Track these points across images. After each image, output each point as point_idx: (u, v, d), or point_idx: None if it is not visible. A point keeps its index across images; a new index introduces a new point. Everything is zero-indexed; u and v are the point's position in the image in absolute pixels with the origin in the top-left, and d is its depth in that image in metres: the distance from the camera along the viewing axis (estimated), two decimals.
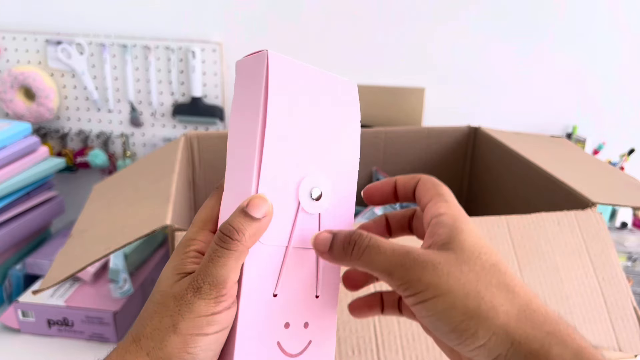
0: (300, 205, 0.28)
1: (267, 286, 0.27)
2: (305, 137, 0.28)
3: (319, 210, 0.29)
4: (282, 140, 0.27)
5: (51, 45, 0.95)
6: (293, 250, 0.28)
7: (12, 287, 0.77)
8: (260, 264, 0.27)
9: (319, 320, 0.29)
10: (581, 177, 0.65)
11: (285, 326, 0.28)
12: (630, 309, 0.52)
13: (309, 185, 0.28)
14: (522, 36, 0.95)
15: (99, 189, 0.77)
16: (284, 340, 0.28)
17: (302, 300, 0.28)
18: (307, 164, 0.28)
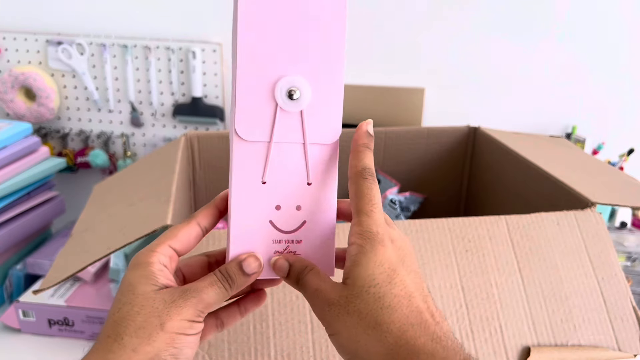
0: (278, 105, 0.32)
1: (255, 175, 0.32)
2: (280, 43, 0.31)
3: (298, 108, 0.32)
4: (254, 47, 0.31)
5: (52, 46, 0.95)
6: (278, 145, 0.32)
7: (12, 286, 0.77)
8: (246, 158, 0.32)
9: (313, 204, 0.33)
10: (580, 177, 0.65)
11: (277, 208, 0.33)
12: (629, 308, 0.52)
13: (286, 86, 0.31)
14: (522, 36, 0.95)
15: (99, 189, 0.77)
16: (276, 219, 0.33)
17: (292, 186, 0.33)
18: (283, 67, 0.31)
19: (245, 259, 0.32)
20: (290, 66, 0.32)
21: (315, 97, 0.32)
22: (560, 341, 0.50)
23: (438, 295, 0.51)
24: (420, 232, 0.54)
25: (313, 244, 0.34)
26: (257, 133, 0.32)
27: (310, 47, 0.32)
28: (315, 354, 0.48)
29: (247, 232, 0.33)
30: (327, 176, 0.33)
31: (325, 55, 0.33)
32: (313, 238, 0.33)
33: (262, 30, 0.31)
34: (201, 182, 0.82)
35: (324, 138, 0.33)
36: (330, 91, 0.33)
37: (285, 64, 0.32)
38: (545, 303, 0.52)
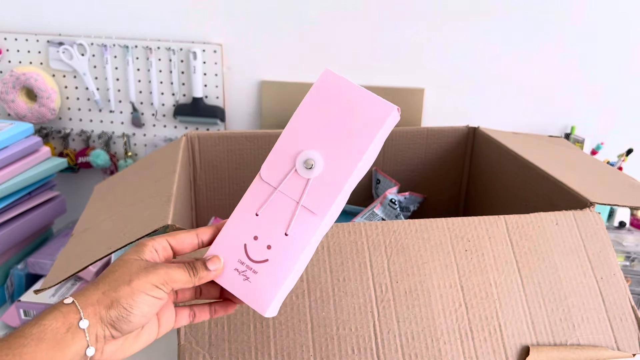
0: (295, 167, 0.40)
1: (254, 206, 0.40)
2: (320, 128, 0.40)
3: (308, 176, 0.40)
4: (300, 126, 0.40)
5: (53, 46, 0.95)
6: (280, 194, 0.40)
7: (14, 286, 0.77)
8: (256, 191, 0.41)
9: (280, 251, 0.40)
10: (579, 177, 0.65)
11: (254, 238, 0.40)
12: (628, 308, 0.53)
13: (305, 157, 0.40)
14: (521, 37, 0.95)
15: (100, 189, 0.77)
16: (249, 245, 0.40)
17: (272, 229, 0.40)
18: (311, 145, 0.40)
19: (211, 258, 0.39)
20: (319, 145, 0.40)
21: (324, 176, 0.40)
22: (559, 340, 0.50)
23: (437, 295, 0.51)
24: (420, 232, 0.54)
25: (263, 281, 0.39)
26: (272, 178, 0.40)
27: (341, 138, 0.40)
28: (315, 353, 0.48)
29: (227, 242, 0.40)
30: (301, 238, 0.40)
31: (349, 148, 0.40)
32: (266, 276, 0.39)
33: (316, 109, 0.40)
34: (201, 182, 0.82)
35: (314, 208, 0.40)
36: (337, 179, 0.40)
37: (317, 141, 0.40)
38: (545, 302, 0.52)
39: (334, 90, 0.40)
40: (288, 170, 0.40)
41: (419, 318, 0.50)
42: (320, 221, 0.39)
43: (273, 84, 0.98)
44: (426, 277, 0.52)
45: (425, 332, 0.49)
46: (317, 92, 0.41)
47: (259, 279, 0.39)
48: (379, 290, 0.51)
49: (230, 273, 0.40)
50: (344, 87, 0.40)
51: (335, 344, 0.48)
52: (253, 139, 0.80)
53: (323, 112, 0.40)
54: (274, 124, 1.00)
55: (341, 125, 0.40)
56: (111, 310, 0.34)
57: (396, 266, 0.52)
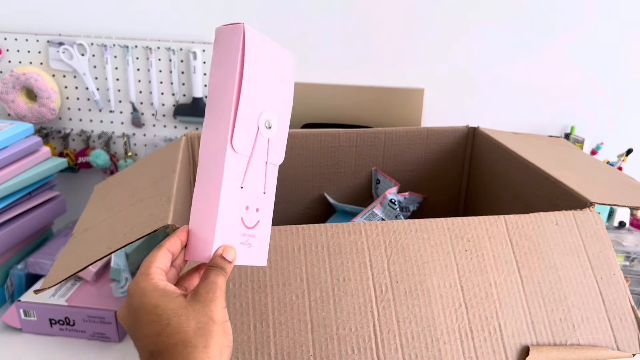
0: (259, 130, 0.42)
1: (237, 180, 0.41)
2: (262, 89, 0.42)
3: (269, 135, 0.43)
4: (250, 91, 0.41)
5: (53, 46, 0.95)
6: (254, 160, 0.42)
7: (13, 286, 0.77)
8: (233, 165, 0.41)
9: (264, 208, 0.44)
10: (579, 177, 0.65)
11: (246, 208, 0.42)
12: (628, 308, 0.53)
13: (265, 118, 0.43)
14: (521, 37, 0.95)
15: (100, 189, 0.77)
16: (245, 217, 0.42)
17: (256, 193, 0.43)
18: (264, 105, 0.43)
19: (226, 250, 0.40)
20: (269, 103, 0.43)
21: (277, 130, 0.44)
22: (559, 340, 0.50)
23: (437, 295, 0.51)
24: (420, 232, 0.54)
25: (260, 239, 0.44)
26: (244, 148, 0.41)
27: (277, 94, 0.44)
28: (315, 353, 0.48)
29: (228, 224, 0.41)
30: (272, 188, 0.44)
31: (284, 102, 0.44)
32: (261, 234, 0.44)
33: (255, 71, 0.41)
34: None
35: (275, 160, 0.44)
36: (283, 129, 0.45)
37: (267, 101, 0.43)
38: (544, 302, 0.52)
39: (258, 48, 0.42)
40: (254, 134, 0.42)
41: (419, 318, 0.50)
42: (276, 169, 0.44)
43: None
44: (426, 277, 0.52)
45: (425, 332, 0.49)
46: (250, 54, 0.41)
47: (257, 240, 0.43)
48: (379, 290, 0.51)
49: (240, 249, 0.41)
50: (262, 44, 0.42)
51: (335, 344, 0.48)
52: None
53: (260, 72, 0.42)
54: None
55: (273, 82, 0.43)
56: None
57: (396, 266, 0.52)
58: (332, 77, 0.98)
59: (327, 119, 0.98)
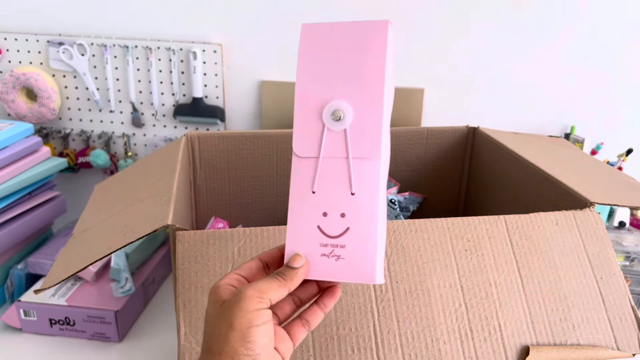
0: (325, 125, 0.37)
1: (307, 186, 0.37)
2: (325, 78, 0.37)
3: (342, 127, 0.37)
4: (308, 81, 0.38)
5: (53, 46, 0.95)
6: (325, 160, 0.37)
7: (13, 286, 0.77)
8: (300, 171, 0.38)
9: (356, 212, 0.37)
10: (579, 177, 0.65)
11: (324, 215, 0.37)
12: (628, 308, 0.53)
13: (331, 109, 0.37)
14: (521, 37, 0.95)
15: (100, 189, 0.77)
16: (323, 225, 0.37)
17: (337, 196, 0.37)
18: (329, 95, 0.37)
19: (292, 257, 0.37)
20: (337, 92, 0.37)
21: (357, 117, 0.37)
22: (559, 340, 0.50)
23: (437, 295, 0.51)
24: (420, 232, 0.54)
25: (355, 249, 0.37)
26: (308, 149, 0.38)
27: (354, 74, 0.37)
28: (315, 353, 0.48)
29: (299, 235, 0.38)
30: (369, 187, 0.37)
31: (366, 80, 0.37)
32: (355, 243, 0.37)
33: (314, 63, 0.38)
34: (201, 182, 0.82)
35: (366, 153, 0.37)
36: (370, 112, 0.37)
37: (332, 91, 0.37)
38: (544, 302, 0.52)
39: (320, 38, 0.38)
40: (320, 131, 0.37)
41: (419, 318, 0.50)
42: (378, 163, 0.37)
43: (273, 84, 0.98)
44: (426, 277, 0.52)
45: (425, 332, 0.49)
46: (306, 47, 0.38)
47: (350, 251, 0.37)
48: (379, 290, 0.51)
49: (319, 261, 0.37)
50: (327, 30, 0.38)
51: (335, 344, 0.48)
52: (253, 139, 0.80)
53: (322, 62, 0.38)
54: (273, 124, 1.00)
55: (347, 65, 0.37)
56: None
57: (396, 266, 0.52)
58: None
59: None
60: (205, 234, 0.52)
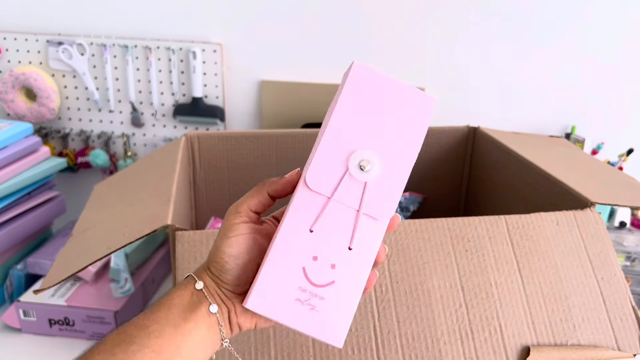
0: (348, 171, 0.36)
1: (306, 221, 0.35)
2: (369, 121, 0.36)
3: (364, 179, 0.36)
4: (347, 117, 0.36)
5: (52, 46, 0.95)
6: (335, 203, 0.35)
7: (13, 286, 0.77)
8: (304, 203, 0.35)
9: (347, 268, 0.35)
10: (580, 177, 0.65)
11: (314, 258, 0.35)
12: (628, 308, 0.52)
13: (360, 157, 0.36)
14: (521, 36, 0.95)
15: (99, 189, 0.77)
16: (309, 268, 0.35)
17: (333, 245, 0.35)
18: (363, 144, 0.36)
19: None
20: (371, 143, 0.36)
21: (381, 176, 0.36)
22: (559, 341, 0.50)
23: (438, 295, 0.51)
24: (420, 232, 0.54)
25: (333, 307, 0.35)
26: (322, 186, 0.35)
27: (392, 135, 0.37)
28: (315, 354, 0.48)
29: (281, 269, 0.34)
30: (368, 248, 0.35)
31: (403, 146, 0.37)
32: (336, 301, 0.35)
33: (357, 106, 0.37)
34: (201, 182, 0.82)
35: (377, 213, 0.35)
36: (396, 176, 0.36)
37: (368, 140, 0.36)
38: (545, 303, 0.52)
39: (368, 84, 0.37)
40: (340, 174, 0.35)
41: (419, 318, 0.50)
42: (383, 226, 0.36)
43: (273, 84, 0.98)
44: (426, 277, 0.52)
45: (426, 332, 0.49)
46: (353, 86, 0.37)
47: (327, 306, 0.34)
48: (379, 291, 0.51)
49: (292, 305, 0.34)
50: (377, 80, 0.37)
51: None
52: (253, 139, 0.80)
53: (363, 108, 0.37)
54: (273, 124, 1.00)
55: (387, 122, 0.37)
56: (211, 267, 0.36)
57: (396, 266, 0.52)
58: (332, 77, 0.98)
59: None
60: (205, 234, 0.52)
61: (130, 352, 0.31)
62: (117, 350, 0.31)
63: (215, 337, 0.35)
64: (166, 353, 0.32)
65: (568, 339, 0.50)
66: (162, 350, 0.32)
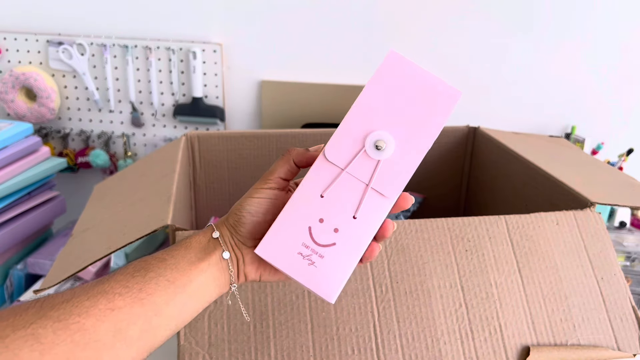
0: (364, 148, 0.38)
1: (319, 188, 0.38)
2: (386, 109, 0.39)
3: (378, 157, 0.38)
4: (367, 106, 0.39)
5: (52, 46, 0.95)
6: (348, 176, 0.38)
7: (13, 286, 0.77)
8: (320, 172, 0.39)
9: (348, 234, 0.38)
10: (580, 177, 0.65)
11: (320, 220, 0.38)
12: (628, 308, 0.52)
13: (377, 137, 0.39)
14: (521, 36, 0.95)
15: (100, 189, 0.77)
16: (314, 228, 0.38)
17: (339, 211, 0.38)
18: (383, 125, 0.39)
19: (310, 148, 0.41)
20: (389, 125, 0.39)
21: (394, 157, 0.39)
22: (559, 341, 0.50)
23: (438, 295, 0.51)
24: (420, 232, 0.54)
25: (330, 265, 0.38)
26: (338, 158, 0.38)
27: (413, 121, 0.39)
28: (315, 354, 0.48)
29: (290, 224, 0.38)
30: (371, 221, 0.38)
31: (421, 133, 0.39)
32: (334, 261, 0.38)
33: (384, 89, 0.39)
34: (201, 182, 0.82)
35: (385, 190, 0.38)
36: (408, 160, 0.39)
37: (388, 122, 0.39)
38: (545, 303, 0.52)
39: (399, 71, 0.40)
40: (357, 150, 0.39)
41: (419, 318, 0.50)
42: (390, 204, 0.38)
43: (273, 84, 0.98)
44: (426, 277, 0.52)
45: (426, 332, 0.49)
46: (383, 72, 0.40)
47: (325, 264, 0.38)
48: (379, 291, 0.51)
49: (294, 257, 0.38)
50: (409, 69, 0.40)
51: (335, 345, 0.48)
52: (253, 139, 0.80)
53: (390, 93, 0.39)
54: (273, 124, 1.00)
55: (410, 108, 0.39)
56: (229, 218, 0.40)
57: (396, 266, 0.52)
58: (332, 77, 0.98)
59: (327, 119, 0.98)
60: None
61: (147, 278, 0.35)
62: (137, 275, 0.35)
63: (224, 281, 0.39)
64: (178, 283, 0.36)
65: (568, 339, 0.50)
66: (175, 280, 0.36)
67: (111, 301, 0.33)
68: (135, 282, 0.35)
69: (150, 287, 0.35)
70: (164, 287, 0.35)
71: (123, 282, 0.35)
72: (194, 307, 0.38)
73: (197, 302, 0.38)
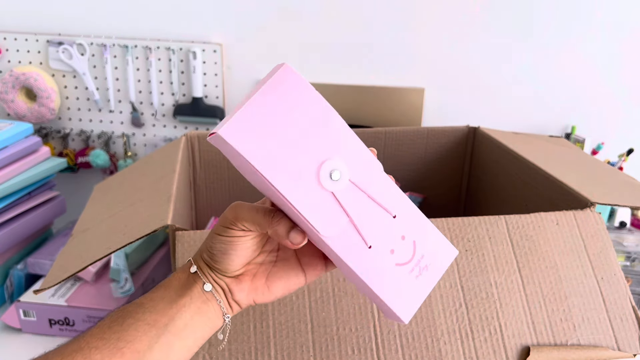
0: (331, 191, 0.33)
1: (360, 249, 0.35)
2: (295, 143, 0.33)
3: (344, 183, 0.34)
4: (277, 149, 0.32)
5: (52, 46, 0.95)
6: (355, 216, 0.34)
7: (13, 286, 0.77)
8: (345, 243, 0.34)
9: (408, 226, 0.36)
10: (580, 177, 0.65)
11: (391, 252, 0.35)
12: (628, 308, 0.52)
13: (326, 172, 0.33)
14: (521, 36, 0.95)
15: (100, 189, 0.77)
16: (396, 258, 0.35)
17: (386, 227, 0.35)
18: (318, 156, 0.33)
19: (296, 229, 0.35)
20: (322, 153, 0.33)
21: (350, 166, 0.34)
22: (559, 341, 0.50)
23: (438, 295, 0.51)
24: None
25: (430, 248, 0.36)
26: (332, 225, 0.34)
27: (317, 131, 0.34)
28: (315, 354, 0.48)
29: (380, 275, 0.35)
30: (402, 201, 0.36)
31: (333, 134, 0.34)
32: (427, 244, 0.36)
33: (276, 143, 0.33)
34: (201, 182, 0.82)
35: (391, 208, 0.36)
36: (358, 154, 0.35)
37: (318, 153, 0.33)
38: (545, 303, 0.52)
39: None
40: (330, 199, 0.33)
41: (419, 318, 0.50)
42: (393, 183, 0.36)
43: None
44: None
45: (426, 332, 0.49)
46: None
47: (430, 253, 0.36)
48: None
49: (406, 278, 0.36)
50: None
51: (335, 344, 0.48)
52: None
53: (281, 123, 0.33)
54: None
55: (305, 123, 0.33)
56: (203, 254, 0.38)
57: None
58: (332, 77, 0.98)
59: None
60: (205, 234, 0.52)
61: (125, 325, 0.34)
62: (114, 325, 0.34)
63: (213, 314, 0.37)
64: (159, 324, 0.34)
65: (568, 339, 0.50)
66: (155, 322, 0.34)
67: (87, 357, 0.32)
68: (113, 332, 0.33)
69: (129, 335, 0.33)
70: (144, 331, 0.33)
71: (99, 335, 0.33)
72: (184, 347, 0.35)
73: (187, 341, 0.35)
